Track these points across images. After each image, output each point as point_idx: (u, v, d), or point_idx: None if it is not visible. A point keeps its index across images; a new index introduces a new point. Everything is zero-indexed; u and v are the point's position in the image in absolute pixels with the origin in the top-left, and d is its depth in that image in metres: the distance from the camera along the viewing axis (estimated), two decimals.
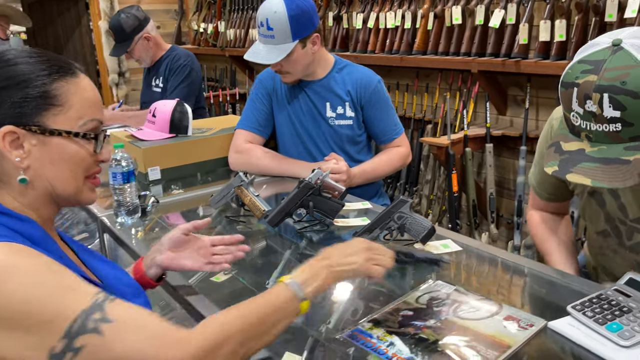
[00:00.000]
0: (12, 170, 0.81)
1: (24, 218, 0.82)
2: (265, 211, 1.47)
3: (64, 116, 0.82)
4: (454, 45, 2.82)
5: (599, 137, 0.93)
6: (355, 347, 0.93)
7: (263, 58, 1.79)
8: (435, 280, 1.14)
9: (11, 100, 0.79)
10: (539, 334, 0.94)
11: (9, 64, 0.81)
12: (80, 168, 0.85)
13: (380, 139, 2.00)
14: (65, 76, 0.83)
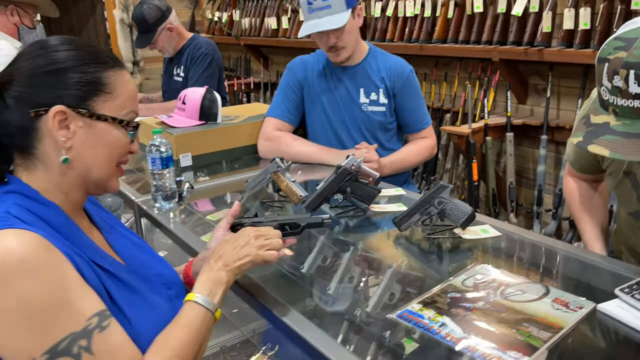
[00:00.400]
0: (53, 150, 0.83)
1: (49, 204, 0.84)
2: (302, 196, 1.49)
3: (110, 104, 0.86)
4: (475, 33, 2.82)
5: (624, 112, 0.96)
6: (390, 328, 0.96)
7: (327, 25, 1.78)
8: (479, 264, 1.15)
9: (66, 82, 0.82)
10: (588, 316, 0.96)
11: (68, 48, 0.84)
12: (116, 154, 0.89)
13: (409, 128, 2.01)
14: (114, 67, 0.87)
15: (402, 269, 1.25)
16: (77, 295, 0.76)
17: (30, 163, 0.85)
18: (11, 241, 0.73)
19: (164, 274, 0.99)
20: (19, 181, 0.84)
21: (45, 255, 0.75)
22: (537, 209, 2.77)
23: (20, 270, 0.72)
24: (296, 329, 0.97)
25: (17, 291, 0.72)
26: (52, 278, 0.74)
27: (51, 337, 0.73)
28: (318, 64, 1.99)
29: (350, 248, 1.39)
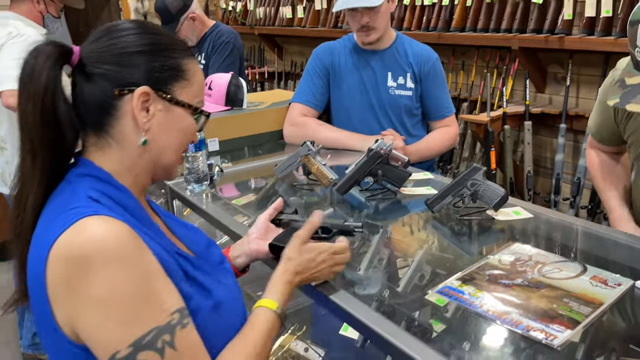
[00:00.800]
0: (130, 130, 0.83)
1: (121, 188, 0.83)
2: (333, 179, 1.51)
3: (187, 90, 0.86)
4: (494, 21, 2.81)
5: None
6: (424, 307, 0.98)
7: (367, 2, 1.80)
8: (514, 244, 1.18)
9: (152, 64, 0.82)
10: (627, 292, 0.98)
11: (155, 32, 0.85)
12: (186, 141, 0.89)
13: (432, 115, 2.03)
14: (191, 56, 0.88)
15: (433, 250, 1.27)
16: (161, 288, 0.76)
17: (104, 142, 0.84)
18: (100, 229, 0.73)
19: (220, 254, 1.00)
20: (92, 163, 0.83)
21: (133, 244, 0.75)
22: (554, 198, 2.78)
23: (110, 260, 0.71)
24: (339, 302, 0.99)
25: (107, 281, 0.71)
26: (139, 269, 0.74)
27: (136, 329, 0.72)
28: (345, 48, 2.01)
29: (380, 230, 1.41)
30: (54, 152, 0.80)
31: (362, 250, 1.29)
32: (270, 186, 1.76)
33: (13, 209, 0.82)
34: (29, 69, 0.78)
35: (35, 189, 0.79)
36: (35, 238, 0.79)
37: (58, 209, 0.77)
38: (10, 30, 2.19)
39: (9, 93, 2.08)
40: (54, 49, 0.79)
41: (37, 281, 0.74)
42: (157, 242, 0.81)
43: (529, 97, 2.79)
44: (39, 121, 0.78)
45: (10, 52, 2.13)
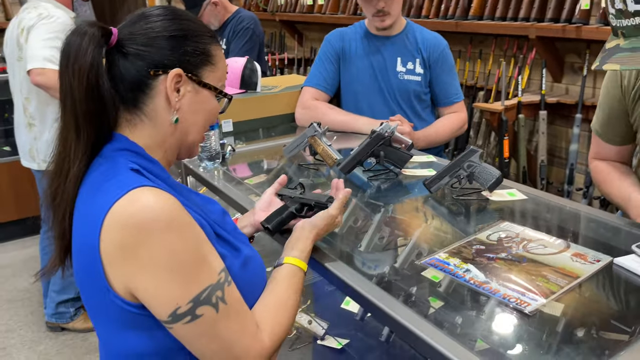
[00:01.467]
0: (163, 109, 0.89)
1: (154, 161, 0.89)
2: (337, 159, 1.58)
3: (214, 74, 0.93)
4: (512, 10, 2.82)
5: (630, 31, 1.06)
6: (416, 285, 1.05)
7: None
8: (504, 222, 1.23)
9: (184, 48, 0.89)
10: (605, 268, 1.03)
11: (187, 18, 0.92)
12: (209, 122, 0.97)
13: (441, 101, 2.07)
14: (217, 43, 0.95)
15: (431, 229, 1.33)
16: (208, 250, 0.83)
17: (137, 119, 0.89)
18: (152, 199, 0.79)
19: (232, 222, 1.07)
20: (126, 138, 0.89)
21: (183, 213, 0.81)
22: (567, 188, 2.79)
23: (168, 226, 0.78)
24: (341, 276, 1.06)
25: (167, 246, 0.78)
26: (192, 234, 0.81)
27: (194, 287, 0.79)
28: (356, 34, 2.07)
29: (382, 210, 1.47)
30: (97, 126, 0.85)
31: (364, 229, 1.35)
32: (280, 166, 1.84)
33: (52, 180, 0.88)
34: (76, 48, 0.83)
35: (78, 161, 0.85)
36: (81, 206, 0.84)
37: (101, 180, 0.83)
38: (40, 12, 2.29)
39: (37, 71, 2.19)
40: (97, 29, 0.84)
41: (89, 246, 0.80)
42: (192, 209, 0.87)
43: (545, 87, 2.80)
44: (83, 96, 0.83)
45: (39, 33, 2.24)
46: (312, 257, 1.12)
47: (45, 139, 2.41)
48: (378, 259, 1.19)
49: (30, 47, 2.22)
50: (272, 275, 0.98)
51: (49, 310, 2.67)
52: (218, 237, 0.90)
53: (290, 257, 1.01)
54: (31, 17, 2.27)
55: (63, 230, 0.88)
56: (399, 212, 1.46)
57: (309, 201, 1.13)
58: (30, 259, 3.42)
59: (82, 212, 0.84)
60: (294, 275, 0.98)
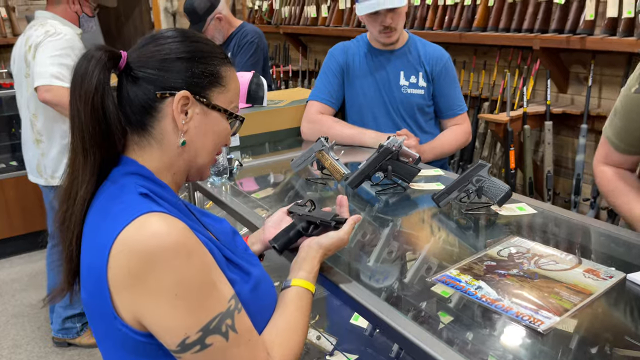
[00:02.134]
0: (170, 131, 0.88)
1: (163, 185, 0.89)
2: (345, 174, 1.58)
3: (224, 96, 0.92)
4: (516, 21, 2.82)
5: None
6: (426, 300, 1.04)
7: (392, 3, 1.85)
8: (514, 237, 1.22)
9: (192, 70, 0.88)
10: (618, 284, 1.02)
11: (197, 40, 0.92)
12: (220, 144, 0.95)
13: (444, 114, 2.08)
14: (228, 63, 0.95)
15: (440, 244, 1.32)
16: (217, 278, 0.82)
17: (145, 141, 0.89)
18: (161, 226, 0.77)
19: (243, 242, 1.07)
20: (135, 162, 0.88)
21: (192, 238, 0.80)
22: (574, 198, 2.78)
23: (176, 253, 0.76)
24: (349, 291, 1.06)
25: (176, 273, 0.76)
26: (201, 261, 0.80)
27: (204, 316, 0.78)
28: (359, 49, 2.07)
29: (390, 224, 1.47)
30: (104, 148, 0.85)
31: (373, 243, 1.35)
32: (287, 180, 1.84)
33: (62, 202, 0.87)
34: (82, 71, 0.84)
35: (86, 184, 0.85)
36: (90, 231, 0.84)
37: (109, 204, 0.82)
38: (47, 29, 2.31)
39: (45, 88, 2.21)
40: (104, 53, 0.85)
41: (97, 272, 0.79)
42: (202, 233, 0.87)
43: (550, 97, 2.79)
44: (89, 119, 0.83)
45: (46, 50, 2.26)
46: (320, 272, 1.11)
47: (53, 155, 2.42)
48: (387, 274, 1.18)
49: (37, 64, 2.24)
50: (281, 298, 0.97)
51: (56, 326, 2.66)
52: (228, 262, 0.90)
53: (298, 278, 1.00)
54: (38, 34, 2.29)
55: (71, 254, 0.87)
56: (408, 227, 1.46)
57: (315, 219, 1.13)
58: (37, 274, 3.42)
59: (90, 236, 0.84)
60: (302, 297, 0.97)
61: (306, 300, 0.98)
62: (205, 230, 0.92)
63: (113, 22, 5.88)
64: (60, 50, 2.24)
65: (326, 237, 1.07)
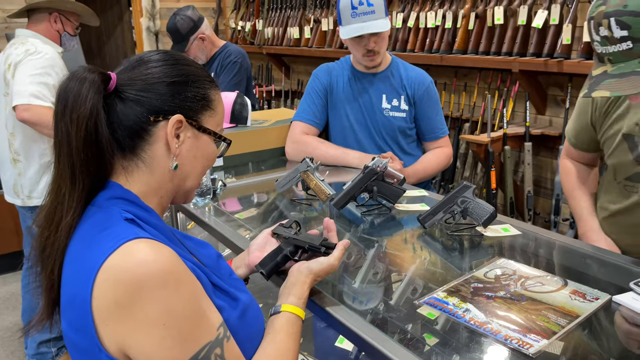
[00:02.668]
0: (161, 155, 0.86)
1: (149, 210, 0.86)
2: (330, 195, 1.57)
3: (213, 119, 0.92)
4: (495, 44, 2.88)
5: (617, 57, 1.09)
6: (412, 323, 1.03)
7: (375, 28, 1.87)
8: (500, 259, 1.22)
9: (185, 94, 0.87)
10: (604, 306, 1.02)
11: (186, 63, 0.91)
12: (208, 166, 0.94)
13: (427, 136, 2.10)
14: (216, 87, 0.94)
15: (425, 265, 1.32)
16: (206, 306, 0.80)
17: (133, 165, 0.86)
18: (148, 253, 0.75)
19: (228, 266, 1.05)
20: (120, 186, 0.86)
21: (180, 266, 0.78)
22: (554, 218, 2.81)
23: (164, 282, 0.74)
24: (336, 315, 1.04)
25: (163, 303, 0.74)
26: (189, 289, 0.78)
27: (193, 346, 0.76)
28: (343, 70, 2.09)
29: (375, 245, 1.46)
30: (93, 175, 0.82)
31: (358, 265, 1.34)
32: (271, 201, 1.83)
33: (43, 229, 0.84)
34: (74, 94, 0.80)
35: (72, 210, 0.81)
36: (72, 258, 0.81)
37: (94, 231, 0.79)
38: (28, 48, 2.28)
39: (23, 107, 2.17)
40: (97, 75, 0.82)
41: (80, 302, 0.75)
42: (188, 259, 0.84)
43: (529, 119, 2.85)
44: (82, 145, 0.80)
45: (26, 69, 2.22)
46: None
47: (30, 175, 2.38)
48: (372, 296, 1.17)
49: (16, 83, 2.20)
50: (270, 323, 0.95)
51: (30, 351, 2.57)
52: (215, 288, 0.87)
53: (287, 304, 0.98)
54: (18, 53, 2.26)
55: (51, 283, 0.83)
56: (393, 248, 1.45)
57: (302, 244, 1.12)
58: (12, 296, 3.31)
59: (73, 264, 0.80)
60: (292, 324, 0.95)
61: (296, 326, 0.96)
62: (191, 255, 0.90)
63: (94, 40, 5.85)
64: (40, 69, 2.21)
65: (316, 262, 1.05)
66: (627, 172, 1.38)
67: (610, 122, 1.40)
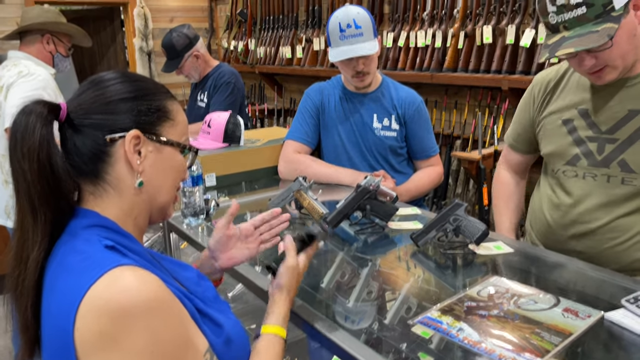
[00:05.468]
0: (126, 174, 0.85)
1: (127, 235, 0.85)
2: (323, 213, 1.57)
3: (174, 130, 0.90)
4: (485, 63, 2.93)
5: (572, 23, 1.21)
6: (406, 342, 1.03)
7: (362, 51, 1.89)
8: (493, 277, 1.23)
9: (138, 109, 0.86)
10: (596, 323, 1.03)
11: (137, 79, 0.90)
12: (179, 179, 0.93)
13: (418, 155, 2.12)
14: (172, 97, 0.93)
15: (419, 283, 1.32)
16: (192, 332, 0.79)
17: (101, 189, 0.85)
18: (132, 280, 0.73)
19: (211, 287, 1.03)
20: (95, 213, 0.84)
21: (166, 292, 0.76)
22: None
23: (150, 310, 0.73)
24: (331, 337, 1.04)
25: (150, 332, 0.72)
26: (175, 316, 0.77)
27: None
28: (334, 90, 2.11)
29: (369, 263, 1.46)
30: (54, 206, 0.80)
31: (352, 284, 1.34)
32: None
33: (13, 268, 0.81)
34: (22, 128, 0.79)
35: (38, 245, 0.79)
36: (51, 292, 0.78)
37: (72, 260, 0.77)
38: (20, 69, 2.29)
39: None
40: (43, 106, 0.81)
41: (62, 335, 0.73)
42: (172, 284, 0.83)
43: None
44: (36, 177, 0.78)
45: (18, 91, 2.23)
46: (298, 314, 1.09)
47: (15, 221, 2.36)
48: (366, 315, 1.17)
49: (8, 105, 2.21)
50: (254, 348, 0.95)
51: None
52: (199, 313, 0.86)
53: (267, 325, 0.98)
54: (11, 75, 2.27)
55: (26, 322, 0.81)
56: (387, 266, 1.45)
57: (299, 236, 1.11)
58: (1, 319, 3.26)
59: (52, 298, 0.77)
60: (273, 344, 0.95)
61: (278, 346, 0.96)
62: (174, 280, 0.88)
63: (87, 61, 5.87)
64: (32, 91, 2.22)
65: (281, 277, 1.04)
66: (565, 156, 1.44)
67: (549, 111, 1.48)
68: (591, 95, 1.38)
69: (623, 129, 1.32)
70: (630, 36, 1.24)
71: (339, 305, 1.21)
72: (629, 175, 1.32)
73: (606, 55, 1.24)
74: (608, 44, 1.20)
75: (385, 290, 1.31)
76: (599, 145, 1.37)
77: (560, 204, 1.46)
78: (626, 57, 1.26)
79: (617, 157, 1.33)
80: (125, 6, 5.39)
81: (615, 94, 1.33)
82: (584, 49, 1.18)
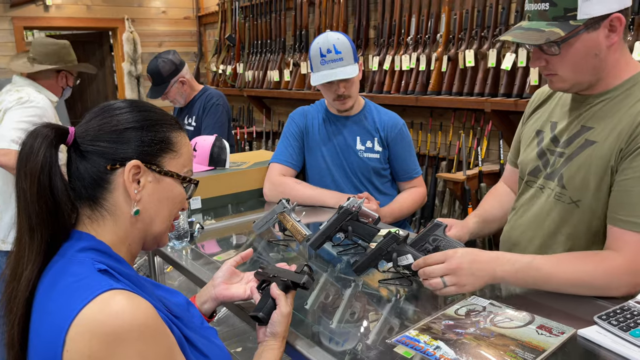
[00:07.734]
0: (123, 202, 0.87)
1: (120, 259, 0.87)
2: (306, 235, 1.59)
3: (176, 161, 0.92)
4: (468, 86, 3.00)
5: (534, 15, 1.23)
6: None
7: (342, 74, 1.95)
8: (470, 296, 1.25)
9: (142, 139, 0.88)
10: (570, 340, 1.05)
11: (145, 109, 0.92)
12: (175, 209, 0.95)
13: (401, 177, 2.16)
14: (179, 129, 0.95)
15: (401, 303, 1.34)
16: (178, 354, 0.80)
17: (98, 214, 0.87)
18: (124, 304, 0.74)
19: (199, 314, 1.04)
20: (91, 237, 0.86)
21: (157, 319, 0.77)
22: None
23: (141, 335, 0.73)
24: None
25: (140, 356, 0.73)
26: (165, 342, 0.78)
27: None
28: (318, 113, 2.16)
29: (352, 284, 1.48)
30: (51, 227, 0.82)
31: (335, 305, 1.35)
32: (249, 242, 1.84)
33: (8, 284, 0.83)
34: (27, 150, 0.82)
35: (31, 263, 0.81)
36: (41, 312, 0.79)
37: (64, 281, 0.78)
38: (21, 96, 2.34)
39: (2, 152, 2.19)
40: (50, 130, 0.84)
41: (50, 356, 0.73)
42: (162, 311, 0.84)
43: (503, 157, 2.93)
44: (35, 198, 0.81)
45: (13, 116, 2.27)
46: None
47: (6, 220, 2.37)
48: (349, 336, 1.18)
49: (2, 129, 2.25)
50: None
51: None
52: (188, 343, 0.87)
53: None
54: (11, 100, 2.33)
55: (13, 339, 0.82)
56: (369, 287, 1.47)
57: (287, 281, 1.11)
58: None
59: (41, 318, 0.79)
60: None
61: None
62: (164, 307, 0.89)
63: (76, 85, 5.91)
64: (28, 117, 2.27)
65: (274, 323, 1.05)
66: (530, 166, 1.46)
67: (531, 122, 1.52)
68: (565, 110, 1.38)
69: (572, 144, 1.33)
70: (588, 53, 1.21)
71: (322, 326, 1.22)
72: (561, 190, 1.33)
73: (556, 62, 1.23)
74: (554, 50, 1.20)
75: (368, 310, 1.33)
76: (555, 159, 1.38)
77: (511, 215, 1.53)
78: (579, 72, 1.24)
79: (560, 171, 1.35)
80: (114, 31, 5.45)
81: (577, 110, 1.34)
82: (516, 41, 1.24)
